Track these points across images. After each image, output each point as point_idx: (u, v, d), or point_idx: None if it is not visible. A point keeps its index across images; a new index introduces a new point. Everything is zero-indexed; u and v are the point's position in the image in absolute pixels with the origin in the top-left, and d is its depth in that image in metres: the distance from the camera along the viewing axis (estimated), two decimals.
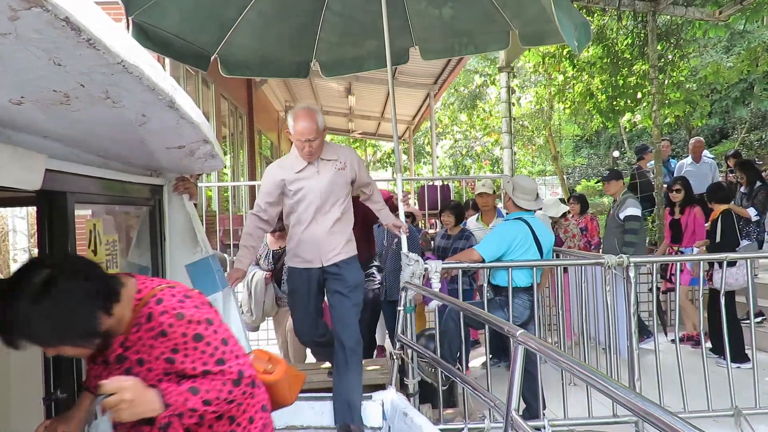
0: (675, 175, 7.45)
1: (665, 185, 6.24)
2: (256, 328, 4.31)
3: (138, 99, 1.30)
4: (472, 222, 5.05)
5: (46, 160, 1.48)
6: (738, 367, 4.21)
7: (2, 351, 3.04)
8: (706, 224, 5.06)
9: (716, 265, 3.71)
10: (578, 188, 18.07)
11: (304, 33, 4.37)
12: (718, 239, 4.75)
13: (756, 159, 9.24)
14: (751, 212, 5.10)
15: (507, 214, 3.70)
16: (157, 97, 1.30)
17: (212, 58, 4.19)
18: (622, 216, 5.11)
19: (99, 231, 1.96)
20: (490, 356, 4.45)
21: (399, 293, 3.20)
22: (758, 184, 5.27)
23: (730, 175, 7.62)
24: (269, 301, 4.09)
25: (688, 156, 7.50)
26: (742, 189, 5.32)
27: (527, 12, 4.07)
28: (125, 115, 1.42)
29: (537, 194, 3.64)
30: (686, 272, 5.02)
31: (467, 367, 3.91)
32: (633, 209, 5.09)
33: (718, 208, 4.84)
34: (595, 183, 16.72)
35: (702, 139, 7.64)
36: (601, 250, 5.65)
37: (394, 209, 3.58)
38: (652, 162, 7.33)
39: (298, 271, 3.02)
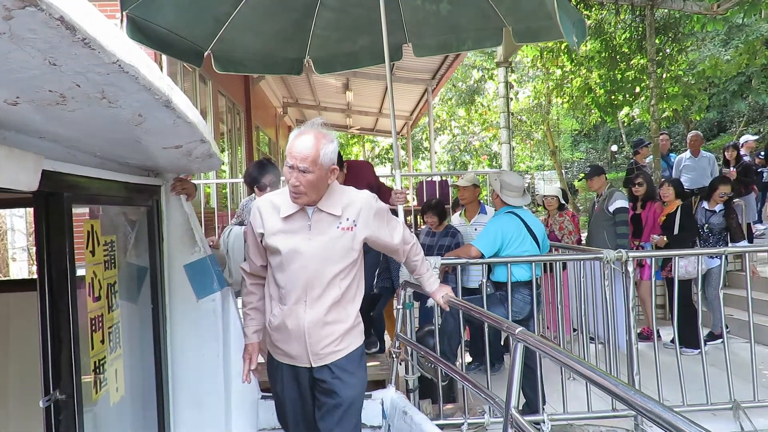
0: (673, 170, 7.46)
1: (663, 179, 6.22)
2: (239, 293, 3.77)
3: (134, 99, 1.29)
4: (455, 217, 5.01)
5: (42, 160, 1.47)
6: (691, 354, 4.33)
7: (1, 351, 3.04)
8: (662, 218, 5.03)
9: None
10: (576, 183, 18.08)
11: (297, 29, 4.35)
12: (676, 232, 4.76)
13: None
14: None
15: (496, 210, 3.70)
16: (154, 96, 1.29)
17: (206, 54, 4.17)
18: (611, 209, 5.12)
19: (97, 231, 1.96)
20: (470, 360, 4.46)
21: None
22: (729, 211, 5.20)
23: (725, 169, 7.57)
24: None
25: (686, 150, 7.49)
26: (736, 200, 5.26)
27: (521, 9, 4.05)
28: (121, 114, 1.41)
29: (524, 190, 3.63)
30: (647, 267, 5.02)
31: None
32: (621, 201, 5.11)
33: (675, 203, 4.85)
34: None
35: (699, 133, 7.63)
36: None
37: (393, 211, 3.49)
38: (652, 156, 7.33)
39: (278, 366, 2.13)
